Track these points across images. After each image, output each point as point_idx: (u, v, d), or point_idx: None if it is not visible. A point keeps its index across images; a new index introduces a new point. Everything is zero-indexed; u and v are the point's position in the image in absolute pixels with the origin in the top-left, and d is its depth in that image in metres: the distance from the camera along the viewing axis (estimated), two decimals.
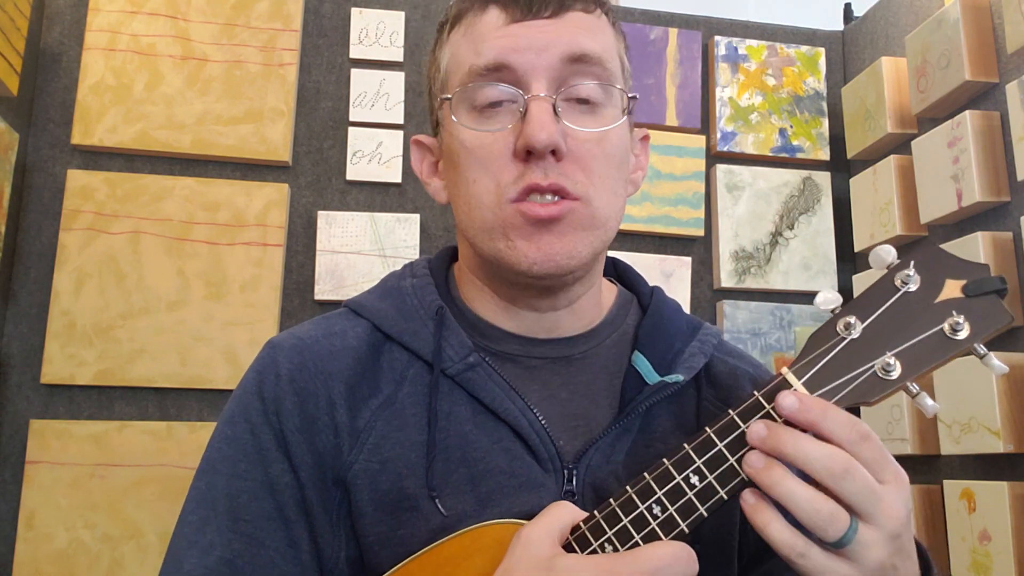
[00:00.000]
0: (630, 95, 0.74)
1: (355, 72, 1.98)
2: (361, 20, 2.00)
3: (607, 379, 0.77)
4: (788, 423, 0.60)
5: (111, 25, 1.87)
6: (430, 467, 0.69)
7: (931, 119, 1.82)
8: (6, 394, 1.74)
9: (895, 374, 0.59)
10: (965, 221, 1.71)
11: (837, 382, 0.60)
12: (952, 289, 0.60)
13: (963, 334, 0.60)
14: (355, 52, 2.00)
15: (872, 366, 0.60)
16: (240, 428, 0.71)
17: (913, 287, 0.61)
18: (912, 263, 0.62)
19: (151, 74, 1.87)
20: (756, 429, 0.59)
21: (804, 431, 0.59)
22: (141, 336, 1.77)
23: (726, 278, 2.03)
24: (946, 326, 0.60)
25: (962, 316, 0.60)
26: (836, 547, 0.57)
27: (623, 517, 0.61)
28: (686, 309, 1.96)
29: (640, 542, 0.60)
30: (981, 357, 0.61)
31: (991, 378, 1.53)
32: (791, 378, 0.61)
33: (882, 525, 0.57)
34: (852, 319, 0.61)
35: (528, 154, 0.68)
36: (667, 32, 2.12)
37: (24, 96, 1.80)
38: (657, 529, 0.60)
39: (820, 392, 0.61)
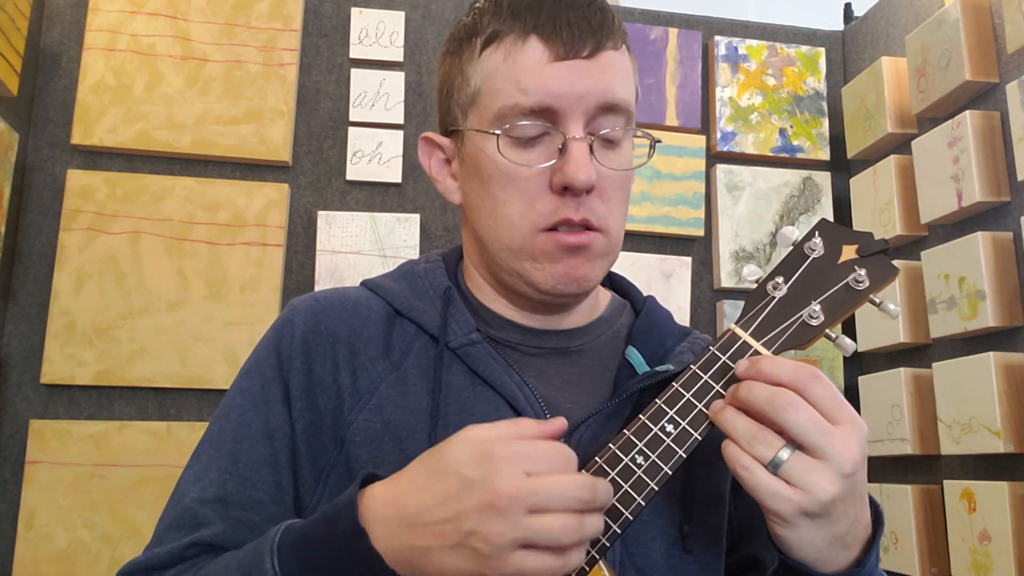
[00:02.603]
0: (637, 134, 0.79)
1: (355, 72, 1.98)
2: (361, 20, 2.00)
3: (601, 371, 0.82)
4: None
5: (111, 25, 1.87)
6: (433, 430, 0.74)
7: (931, 119, 1.82)
8: (6, 394, 1.74)
9: (818, 321, 0.71)
10: (965, 221, 1.71)
11: (776, 331, 0.71)
12: (849, 252, 0.73)
13: (864, 285, 0.72)
14: (355, 52, 1.99)
15: (800, 315, 0.71)
16: (254, 381, 0.79)
17: (818, 253, 0.74)
18: (816, 234, 0.74)
19: (151, 74, 1.87)
20: (728, 391, 0.68)
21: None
22: (141, 336, 1.77)
23: (726, 278, 2.03)
24: (850, 280, 0.72)
25: (863, 271, 0.72)
26: (773, 469, 0.63)
27: (610, 471, 0.67)
28: (686, 309, 2.00)
29: (629, 491, 0.66)
30: (878, 305, 0.72)
31: (991, 378, 1.53)
32: (739, 331, 0.72)
33: (832, 459, 0.62)
34: (779, 280, 0.73)
35: (564, 189, 0.74)
36: (667, 32, 2.12)
37: (24, 96, 1.80)
38: (643, 476, 0.67)
39: (763, 340, 0.71)
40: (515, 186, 0.75)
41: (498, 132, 0.76)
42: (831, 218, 2.09)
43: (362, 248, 1.89)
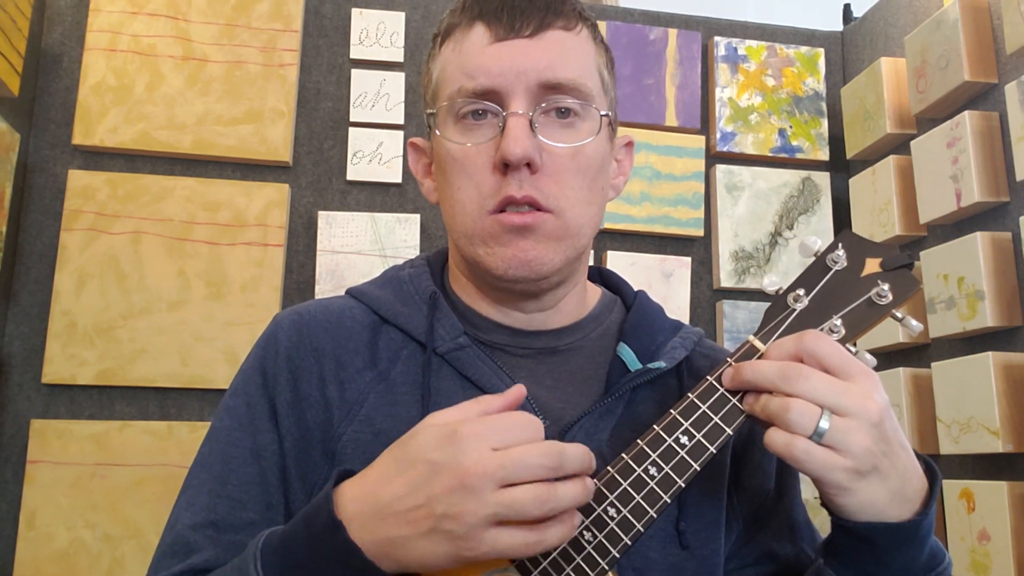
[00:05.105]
0: (603, 113, 0.78)
1: (355, 72, 1.99)
2: (361, 20, 2.01)
3: (592, 369, 0.81)
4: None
5: (112, 25, 1.87)
6: None
7: (930, 119, 1.82)
8: (7, 394, 1.74)
9: (839, 336, 0.69)
10: (964, 221, 1.72)
11: None
12: (872, 266, 0.72)
13: (886, 300, 0.70)
14: (355, 52, 2.00)
15: (821, 329, 0.70)
16: (240, 400, 0.78)
17: (841, 266, 0.72)
18: (839, 246, 0.73)
19: (152, 74, 1.87)
20: (725, 374, 0.69)
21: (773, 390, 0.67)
22: (142, 336, 1.77)
23: (726, 278, 2.03)
24: (873, 294, 0.70)
25: (886, 286, 0.70)
26: (819, 440, 0.63)
27: (622, 481, 0.66)
28: (686, 309, 2.01)
29: (642, 503, 0.66)
30: (900, 320, 0.71)
31: (990, 378, 1.53)
32: (757, 343, 0.71)
33: (856, 414, 0.63)
34: (800, 292, 0.71)
35: (505, 166, 0.73)
36: (667, 32, 2.12)
37: (25, 96, 1.80)
38: (656, 488, 0.66)
39: None
40: (465, 171, 0.75)
41: (434, 111, 0.78)
42: (830, 218, 2.10)
43: (362, 248, 1.90)
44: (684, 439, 0.67)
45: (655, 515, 0.66)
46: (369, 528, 0.61)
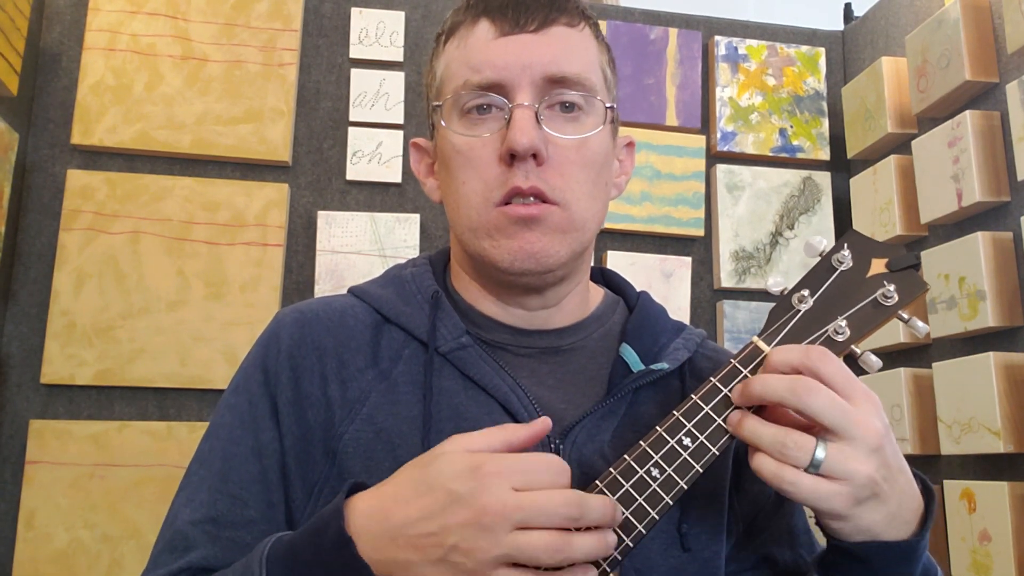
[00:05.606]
0: (608, 105, 0.78)
1: (355, 72, 1.98)
2: (361, 20, 2.00)
3: (595, 369, 0.81)
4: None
5: (111, 25, 1.87)
6: (426, 437, 0.74)
7: (931, 119, 1.82)
8: (6, 394, 1.74)
9: (843, 337, 0.69)
10: (965, 221, 1.71)
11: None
12: (878, 266, 0.71)
13: (892, 301, 0.70)
14: (355, 52, 1.99)
15: (826, 331, 0.69)
16: (242, 398, 0.78)
17: (847, 266, 0.72)
18: (845, 246, 0.72)
19: (151, 74, 1.87)
20: (735, 392, 0.68)
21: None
22: (141, 336, 1.77)
23: (726, 278, 2.03)
24: (879, 295, 0.70)
25: (892, 286, 0.69)
26: (815, 470, 0.62)
27: (624, 483, 0.66)
28: (686, 309, 2.00)
29: (644, 505, 0.65)
30: (906, 321, 0.71)
31: (991, 378, 1.53)
32: (761, 345, 0.70)
33: (857, 438, 0.62)
34: (805, 293, 0.71)
35: (512, 157, 0.73)
36: (667, 32, 2.12)
37: (24, 96, 1.80)
38: (658, 490, 0.65)
39: None
40: (470, 164, 0.75)
41: (440, 104, 0.78)
42: (831, 218, 2.10)
43: (362, 248, 1.89)
44: (687, 440, 0.67)
45: (657, 517, 0.65)
46: (378, 547, 0.60)
